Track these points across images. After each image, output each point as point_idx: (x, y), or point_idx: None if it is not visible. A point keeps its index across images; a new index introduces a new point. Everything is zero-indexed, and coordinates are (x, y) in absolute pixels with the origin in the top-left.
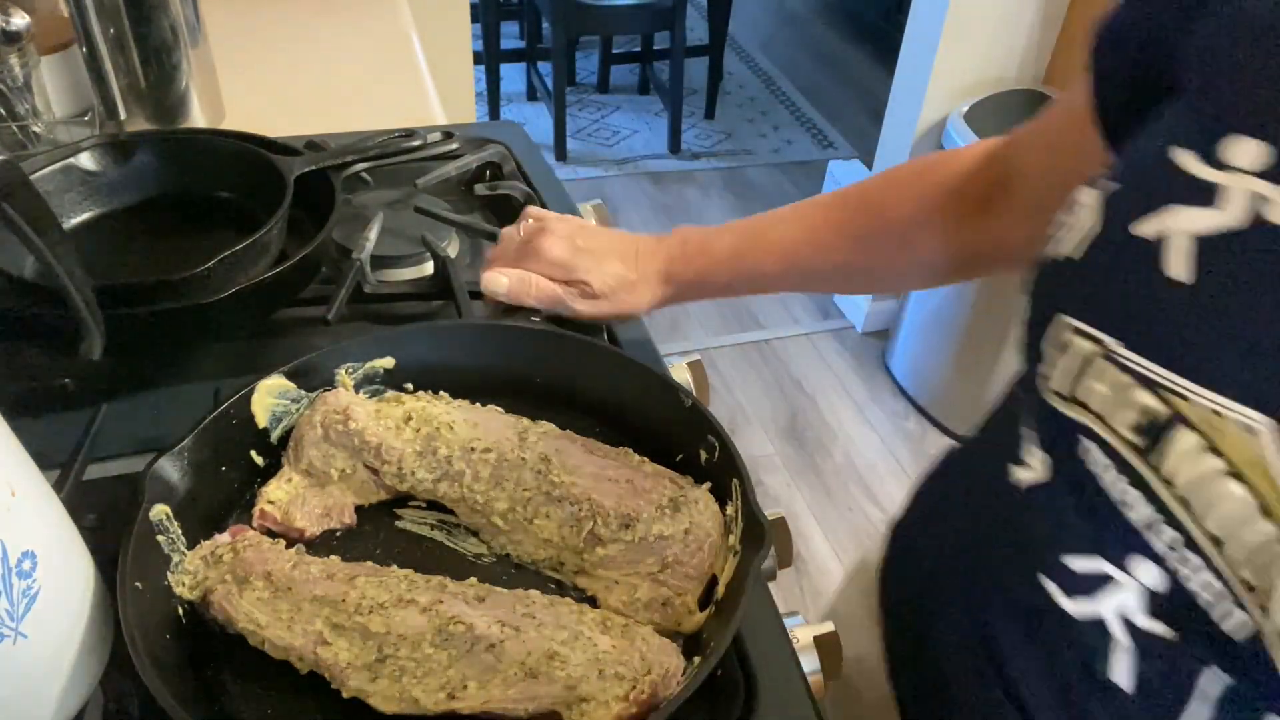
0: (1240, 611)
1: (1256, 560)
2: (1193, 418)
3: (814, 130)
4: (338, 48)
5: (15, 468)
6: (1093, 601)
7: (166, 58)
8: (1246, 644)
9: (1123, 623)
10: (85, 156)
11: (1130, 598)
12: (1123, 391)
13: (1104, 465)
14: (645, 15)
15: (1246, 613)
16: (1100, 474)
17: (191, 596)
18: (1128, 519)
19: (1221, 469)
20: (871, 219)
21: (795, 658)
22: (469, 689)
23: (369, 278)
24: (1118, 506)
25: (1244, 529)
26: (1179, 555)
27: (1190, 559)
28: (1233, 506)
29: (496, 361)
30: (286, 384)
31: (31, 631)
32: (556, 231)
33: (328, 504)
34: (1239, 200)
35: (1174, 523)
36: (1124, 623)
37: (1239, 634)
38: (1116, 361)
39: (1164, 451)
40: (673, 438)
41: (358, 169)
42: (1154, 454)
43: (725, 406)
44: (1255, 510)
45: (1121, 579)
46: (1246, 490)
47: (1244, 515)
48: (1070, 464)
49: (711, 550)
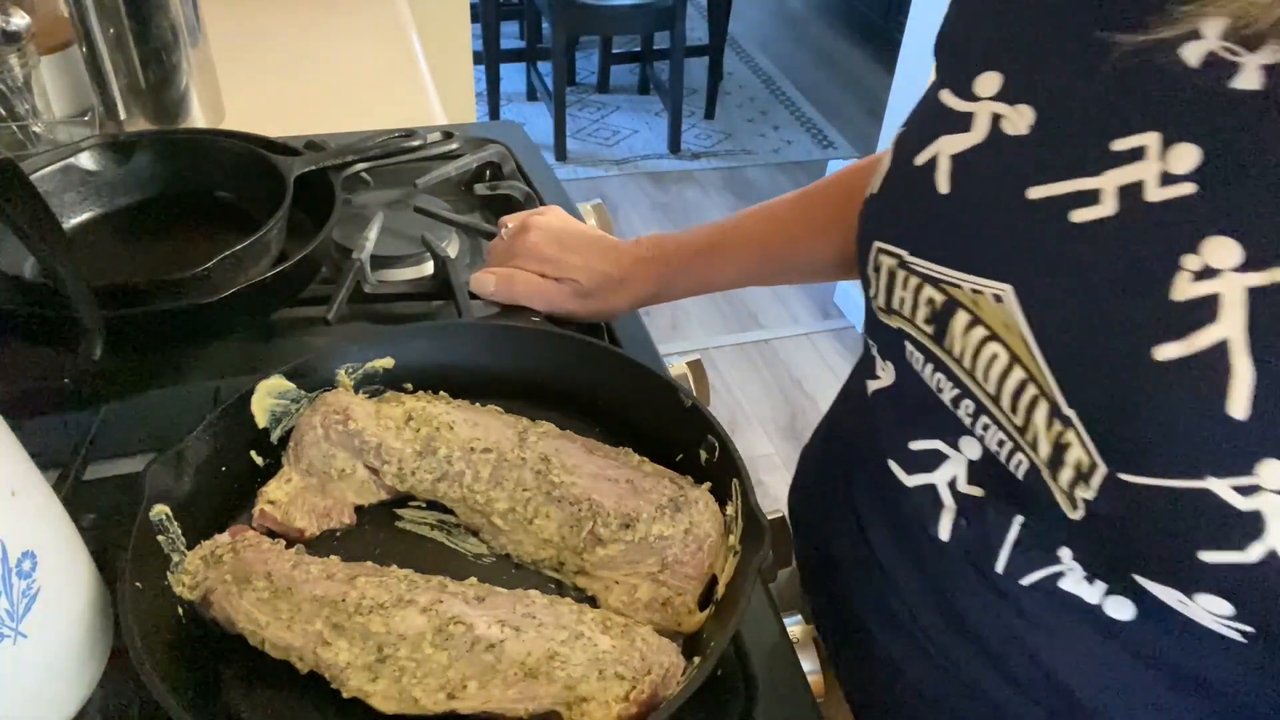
0: (1021, 455)
1: (1018, 404)
2: (962, 299)
3: (814, 130)
4: (338, 48)
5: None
6: (928, 475)
7: (166, 58)
8: (1032, 484)
9: (949, 489)
10: (85, 156)
11: (958, 469)
12: (916, 292)
13: (920, 361)
14: (645, 15)
15: (1025, 455)
16: (920, 369)
17: (191, 596)
18: (945, 403)
19: (985, 335)
20: (833, 210)
21: (795, 658)
22: (469, 689)
23: (369, 278)
24: (937, 394)
25: (1006, 380)
26: (981, 422)
27: (985, 422)
28: (997, 363)
29: (496, 361)
30: (286, 384)
31: (31, 631)
32: (540, 227)
33: (328, 504)
34: (983, 120)
35: (969, 393)
36: (950, 489)
37: (1025, 477)
38: (909, 268)
39: (949, 333)
40: (673, 438)
41: (358, 169)
42: (945, 339)
43: (725, 406)
44: (1010, 361)
45: (952, 455)
46: (1002, 347)
47: (1004, 368)
48: (902, 367)
49: (711, 550)
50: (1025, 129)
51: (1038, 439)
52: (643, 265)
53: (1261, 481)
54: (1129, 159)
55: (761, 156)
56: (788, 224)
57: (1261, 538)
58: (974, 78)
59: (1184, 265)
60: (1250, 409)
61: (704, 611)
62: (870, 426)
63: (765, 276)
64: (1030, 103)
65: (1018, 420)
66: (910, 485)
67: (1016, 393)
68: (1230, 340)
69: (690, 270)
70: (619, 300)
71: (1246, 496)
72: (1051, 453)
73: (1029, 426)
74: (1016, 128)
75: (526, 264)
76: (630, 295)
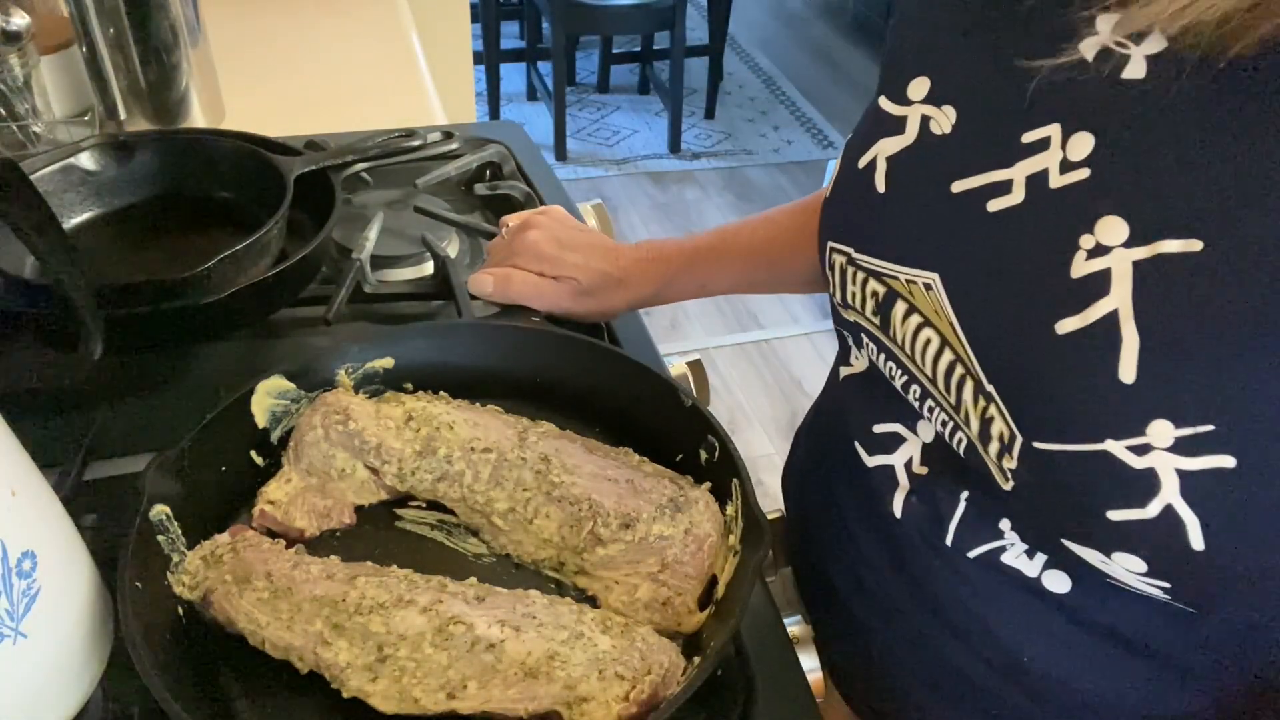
0: (960, 433)
1: (950, 383)
2: (900, 290)
3: (814, 130)
4: (338, 48)
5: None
6: (888, 457)
7: (166, 58)
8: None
9: (905, 470)
10: (85, 156)
11: (914, 451)
12: (863, 286)
13: (874, 350)
14: (645, 15)
15: (963, 432)
16: (874, 359)
17: (191, 596)
18: (898, 389)
19: (920, 321)
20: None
21: (795, 657)
22: (469, 689)
23: (369, 278)
24: (892, 382)
25: (939, 362)
26: (927, 405)
27: (930, 404)
28: (930, 347)
29: (496, 361)
30: (286, 384)
31: (31, 631)
32: (540, 225)
33: (328, 504)
34: (914, 122)
35: (914, 378)
36: (905, 470)
37: (965, 453)
38: (856, 264)
39: (890, 322)
40: (673, 438)
41: (358, 169)
42: (888, 327)
43: (725, 406)
44: (941, 344)
45: (909, 438)
46: (935, 332)
47: (936, 351)
48: (865, 356)
49: (711, 550)
50: (949, 128)
51: (969, 415)
52: (642, 265)
53: (1152, 440)
54: (1036, 149)
55: (761, 156)
56: (788, 231)
57: (1158, 494)
58: (907, 83)
59: (1081, 244)
60: (1137, 373)
61: (704, 611)
62: (842, 410)
63: (764, 284)
64: (953, 103)
65: (951, 399)
66: (870, 466)
67: (948, 373)
68: (1119, 310)
69: (690, 272)
70: (618, 300)
71: (1141, 456)
72: (980, 427)
73: (960, 404)
74: (942, 127)
75: (526, 263)
76: (629, 295)
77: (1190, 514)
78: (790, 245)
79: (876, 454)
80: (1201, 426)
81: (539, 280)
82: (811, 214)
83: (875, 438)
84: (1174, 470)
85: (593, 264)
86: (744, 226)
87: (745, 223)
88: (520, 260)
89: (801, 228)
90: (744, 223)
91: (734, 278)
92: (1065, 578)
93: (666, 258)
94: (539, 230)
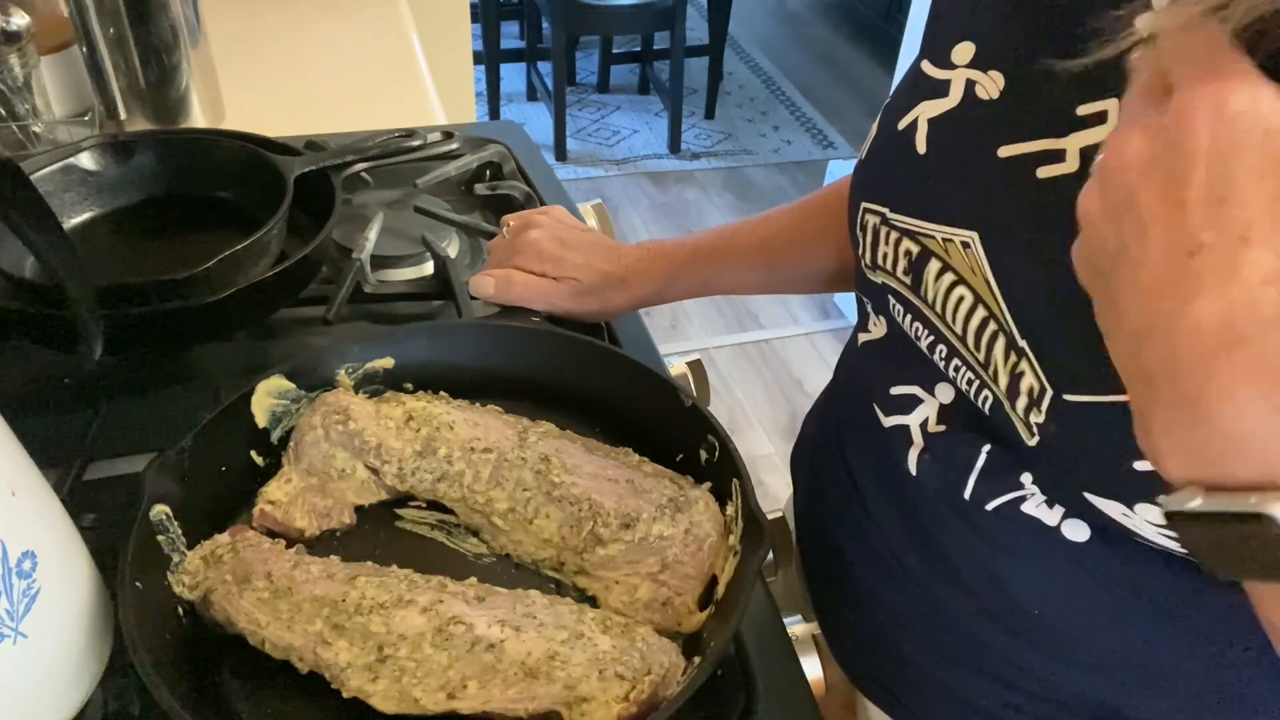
0: (987, 391)
1: (980, 340)
2: (934, 248)
3: (814, 130)
4: (338, 48)
5: (15, 468)
6: (904, 417)
7: (166, 58)
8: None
9: (920, 429)
10: (85, 156)
11: (930, 411)
12: (896, 246)
13: (901, 312)
14: (645, 15)
15: (990, 390)
16: (901, 320)
17: (191, 596)
18: (924, 350)
19: (954, 280)
20: (830, 218)
21: (795, 658)
22: (469, 689)
23: (369, 278)
24: (916, 342)
25: (971, 319)
26: (953, 364)
27: (956, 364)
28: (963, 305)
29: (496, 361)
30: (286, 384)
31: (31, 631)
32: (542, 225)
33: (328, 504)
34: (959, 86)
35: (942, 337)
36: (920, 429)
37: (991, 411)
38: (890, 224)
39: (923, 280)
40: (673, 438)
41: (358, 169)
42: (920, 286)
43: (725, 406)
44: (974, 302)
45: (927, 399)
46: (968, 290)
47: (969, 308)
48: (889, 319)
49: (711, 550)
50: (996, 94)
51: (998, 372)
52: (644, 265)
53: None
54: (1092, 123)
55: (761, 156)
56: (787, 230)
57: None
58: (951, 47)
59: None
60: None
61: (704, 611)
62: (859, 376)
63: (765, 284)
64: (1001, 70)
65: (980, 356)
66: (887, 426)
67: (979, 330)
68: None
69: (691, 272)
70: (619, 300)
71: None
72: (1009, 383)
73: (990, 361)
74: (989, 93)
75: (527, 262)
76: (631, 295)
77: None
78: (791, 244)
79: (893, 415)
80: None
81: (540, 281)
82: (811, 213)
83: (892, 399)
84: None
85: (594, 263)
86: (744, 226)
87: (746, 222)
88: (522, 260)
89: (801, 226)
90: (744, 222)
91: (734, 277)
92: (1085, 526)
93: (668, 257)
94: (541, 230)
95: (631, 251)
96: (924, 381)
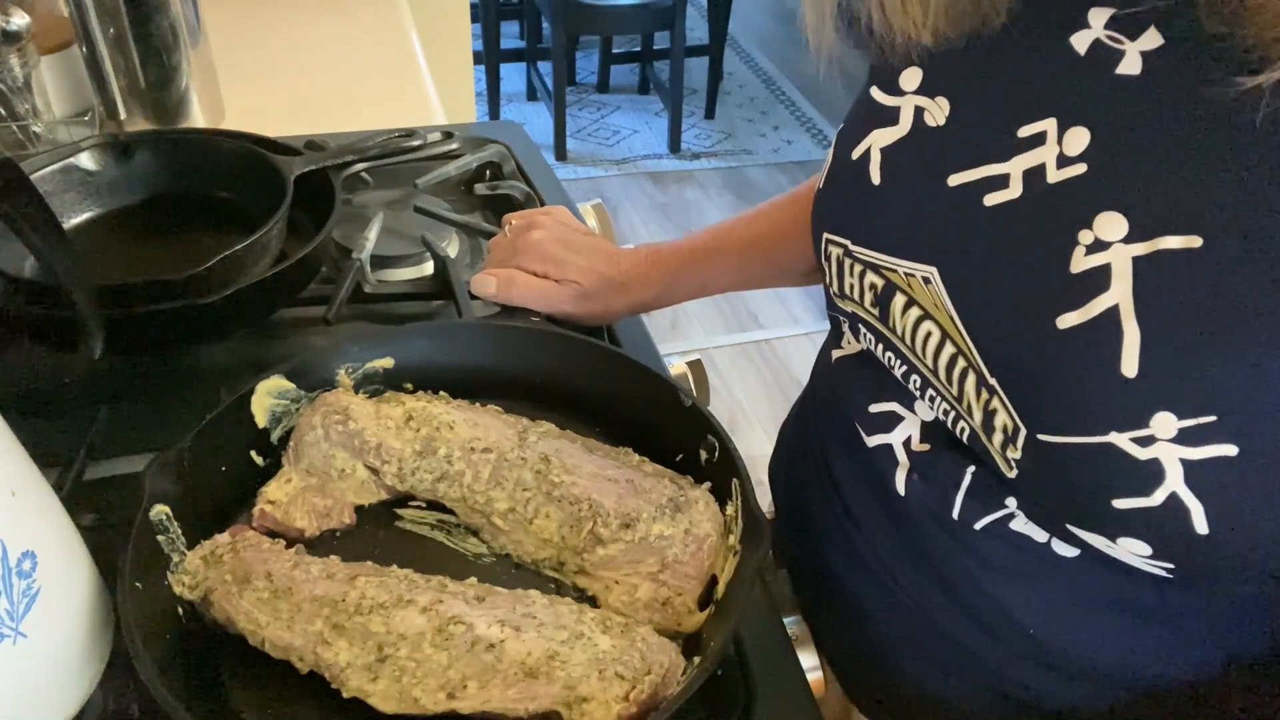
0: (963, 423)
1: (952, 376)
2: (898, 283)
3: (814, 130)
4: (338, 48)
5: (15, 468)
6: (886, 436)
7: (166, 58)
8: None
9: (904, 448)
10: (85, 156)
11: (913, 430)
12: (861, 278)
13: (872, 340)
14: (645, 15)
15: (965, 422)
16: (872, 347)
17: (191, 596)
18: (896, 376)
19: (920, 314)
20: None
21: (795, 658)
22: (469, 689)
23: (369, 278)
24: (889, 369)
25: (940, 355)
26: (928, 394)
27: (931, 394)
28: (931, 340)
29: (496, 361)
30: (286, 384)
31: (31, 631)
32: (545, 226)
33: (328, 504)
34: (908, 113)
35: (914, 368)
36: (905, 448)
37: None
38: (854, 256)
39: (889, 314)
40: (673, 438)
41: (358, 169)
42: (888, 320)
43: (725, 406)
44: (942, 337)
45: (908, 416)
46: (935, 325)
47: (937, 344)
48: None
49: (711, 550)
50: (943, 119)
51: (971, 407)
52: (642, 269)
53: (1156, 433)
54: (1032, 144)
55: (761, 156)
56: (782, 224)
57: (1163, 483)
58: (899, 73)
59: (1080, 240)
60: (1139, 367)
61: (704, 611)
62: (837, 391)
63: (763, 278)
64: (946, 95)
65: (953, 391)
66: (871, 445)
67: (949, 365)
68: (1120, 306)
69: (688, 273)
70: (619, 304)
71: (1145, 447)
72: (983, 419)
73: (963, 396)
74: (936, 119)
75: (529, 262)
76: (630, 299)
77: (1194, 500)
78: (786, 236)
79: (875, 433)
80: (1204, 418)
81: (542, 283)
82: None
83: (872, 417)
84: (1178, 460)
85: (595, 267)
86: (739, 222)
87: (740, 218)
88: (524, 260)
89: (796, 219)
90: (739, 219)
91: (733, 274)
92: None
93: (664, 260)
94: (544, 230)
95: (629, 255)
96: (902, 400)
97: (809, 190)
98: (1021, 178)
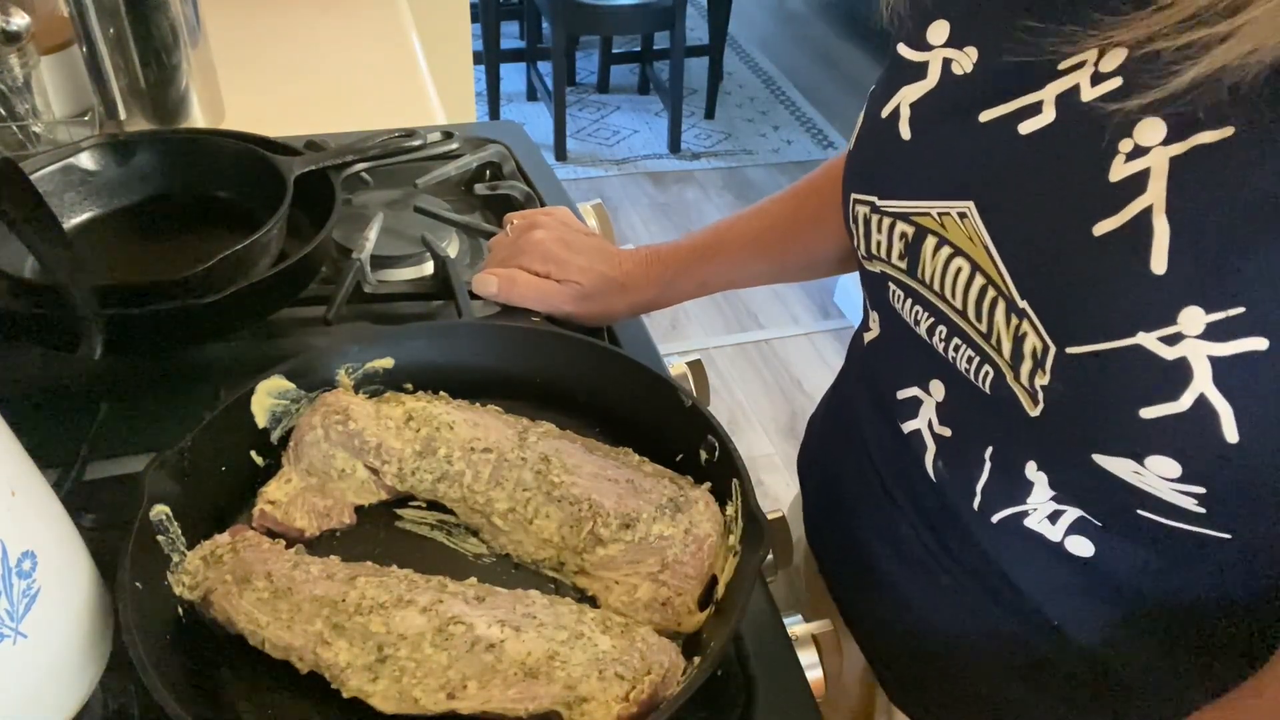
0: (988, 366)
1: (981, 309)
2: (930, 225)
3: (814, 130)
4: (338, 48)
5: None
6: (914, 421)
7: (166, 58)
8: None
9: (929, 431)
10: (85, 156)
11: (930, 412)
12: (889, 231)
13: (900, 298)
14: (645, 15)
15: (991, 365)
16: (899, 306)
17: (191, 596)
18: (921, 336)
19: (951, 252)
20: (823, 201)
21: (795, 658)
22: (469, 689)
23: (369, 278)
24: (913, 328)
25: (970, 289)
26: (953, 344)
27: (957, 343)
28: (961, 275)
29: (496, 361)
30: (286, 384)
31: (31, 631)
32: (547, 226)
33: (328, 504)
34: (936, 66)
35: (942, 317)
36: (929, 431)
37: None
38: (881, 211)
39: (920, 260)
40: (673, 438)
41: (358, 169)
42: (917, 266)
43: (725, 406)
44: (972, 271)
45: (924, 399)
46: (966, 260)
47: (968, 278)
48: (886, 311)
49: (711, 550)
50: (970, 68)
51: (1000, 339)
52: (642, 270)
53: (1183, 329)
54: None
55: (761, 156)
56: (781, 219)
57: (1190, 384)
58: (925, 27)
59: (1120, 149)
60: (1168, 263)
61: (704, 611)
62: (869, 375)
63: (764, 275)
64: (974, 44)
65: (982, 326)
66: (906, 431)
67: (979, 298)
68: (1153, 205)
69: (689, 273)
70: (620, 305)
71: (1172, 346)
72: (1012, 348)
73: (993, 329)
74: (964, 67)
75: (531, 262)
76: (631, 300)
77: (1223, 402)
78: (785, 232)
79: (906, 420)
80: (1232, 310)
81: (543, 283)
82: (802, 199)
83: (900, 404)
84: (1205, 357)
85: (596, 267)
86: (738, 220)
87: (739, 216)
88: (525, 260)
89: (794, 214)
90: (738, 217)
91: (732, 272)
92: (1088, 543)
93: (664, 260)
94: (545, 230)
95: (629, 256)
96: (919, 380)
97: (808, 186)
98: (1054, 102)
